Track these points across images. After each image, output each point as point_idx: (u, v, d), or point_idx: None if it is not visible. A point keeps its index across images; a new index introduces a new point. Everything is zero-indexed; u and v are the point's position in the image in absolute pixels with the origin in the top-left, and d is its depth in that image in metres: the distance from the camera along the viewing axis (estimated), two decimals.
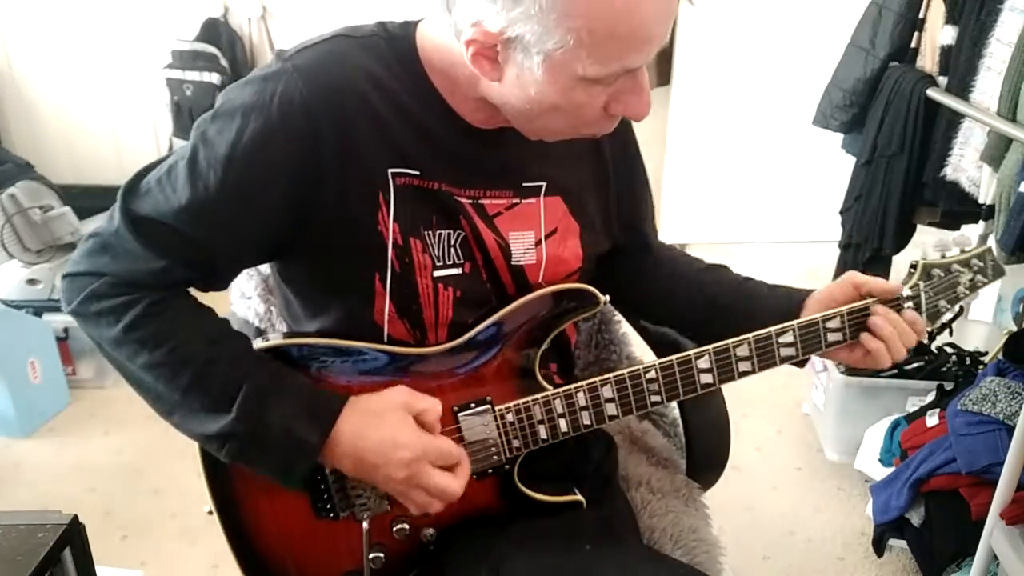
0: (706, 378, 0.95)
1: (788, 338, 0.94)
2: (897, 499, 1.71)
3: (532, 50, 0.75)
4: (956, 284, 1.00)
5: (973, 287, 1.01)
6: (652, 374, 0.94)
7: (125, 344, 0.84)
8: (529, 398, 0.94)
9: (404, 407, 0.87)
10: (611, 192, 1.05)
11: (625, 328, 1.34)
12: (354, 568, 0.96)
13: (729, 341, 0.93)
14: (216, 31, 3.14)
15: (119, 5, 3.18)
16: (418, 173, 0.88)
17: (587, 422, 0.96)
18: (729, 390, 1.16)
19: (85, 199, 2.87)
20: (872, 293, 0.95)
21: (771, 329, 0.93)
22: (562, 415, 0.95)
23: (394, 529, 0.96)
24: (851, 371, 2.10)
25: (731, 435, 1.18)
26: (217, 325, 0.89)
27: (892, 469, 1.85)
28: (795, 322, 0.94)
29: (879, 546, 1.79)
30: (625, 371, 0.94)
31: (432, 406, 0.88)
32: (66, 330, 2.56)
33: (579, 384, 0.94)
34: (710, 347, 0.93)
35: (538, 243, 0.97)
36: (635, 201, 1.10)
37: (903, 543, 1.76)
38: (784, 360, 0.95)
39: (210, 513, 0.95)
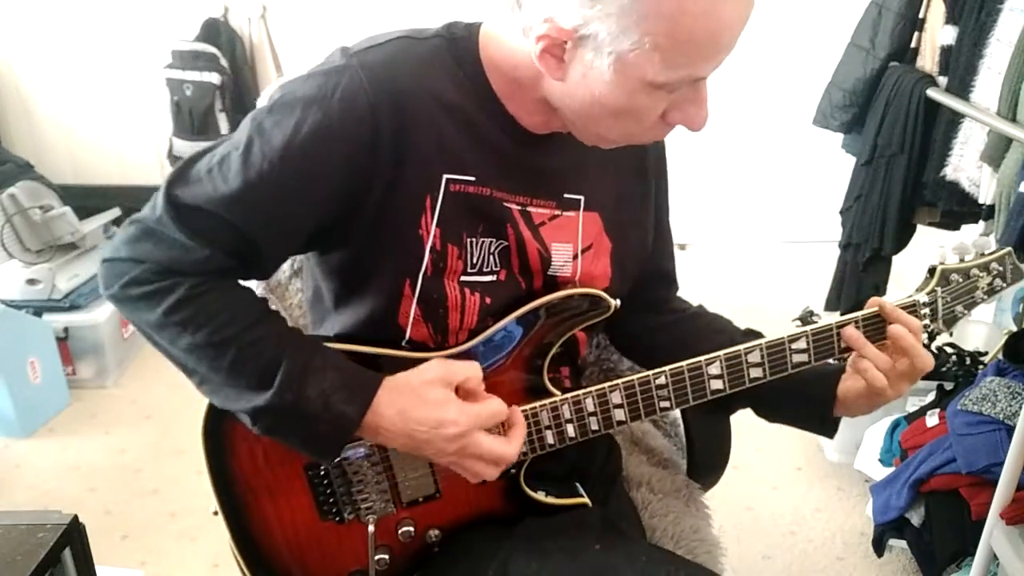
0: (716, 384, 0.94)
1: (801, 344, 0.93)
2: (897, 499, 1.71)
3: (604, 49, 0.75)
4: (974, 289, 0.98)
5: (991, 291, 0.99)
6: (662, 380, 0.93)
7: (166, 327, 0.84)
8: (537, 404, 0.94)
9: (442, 381, 0.86)
10: (649, 220, 1.05)
11: None
12: (359, 569, 0.96)
13: (741, 347, 0.93)
14: (216, 31, 3.14)
15: (119, 5, 3.18)
16: (473, 179, 0.88)
17: (595, 427, 0.95)
18: None
19: (85, 199, 2.87)
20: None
21: (784, 336, 0.93)
22: (570, 420, 0.95)
23: (399, 531, 0.96)
24: None
25: (731, 436, 1.18)
26: (256, 305, 0.89)
27: (892, 469, 1.85)
28: (807, 328, 0.93)
29: (879, 546, 1.79)
30: (635, 377, 0.94)
31: (472, 372, 0.87)
32: (66, 330, 2.56)
33: (588, 390, 0.94)
34: (721, 353, 0.93)
35: (575, 257, 0.97)
36: (662, 237, 1.10)
37: (903, 543, 1.76)
38: (796, 367, 0.94)
39: (215, 514, 0.95)
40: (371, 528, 0.94)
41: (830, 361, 0.96)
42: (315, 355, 0.86)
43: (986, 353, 2.06)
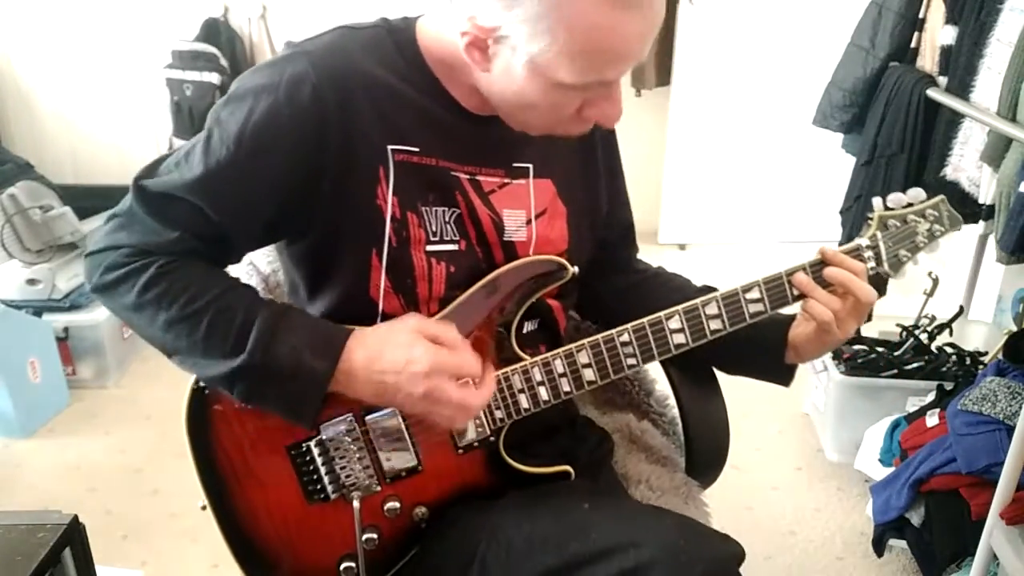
0: (679, 338, 0.98)
1: (755, 294, 0.98)
2: (897, 499, 1.71)
3: (519, 50, 0.82)
4: (914, 234, 1.03)
5: (932, 236, 1.04)
6: (626, 337, 0.97)
7: (144, 307, 0.88)
8: (508, 368, 0.97)
9: (416, 330, 0.89)
10: (600, 184, 1.10)
11: None
12: (349, 553, 0.97)
13: (698, 300, 0.98)
14: (216, 31, 3.14)
15: (119, 5, 3.18)
16: (416, 150, 0.93)
17: (567, 389, 0.98)
18: (729, 390, 1.16)
19: (85, 199, 2.86)
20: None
21: (737, 287, 0.98)
22: (541, 383, 0.98)
23: (385, 508, 0.97)
24: (851, 371, 2.10)
25: (730, 434, 1.18)
26: (225, 276, 0.92)
27: (892, 469, 1.85)
28: (760, 278, 0.98)
29: (879, 546, 1.79)
30: (599, 336, 0.97)
31: (446, 329, 0.90)
32: (66, 330, 2.56)
33: (555, 352, 0.97)
34: (679, 307, 0.97)
35: (528, 222, 1.01)
36: (619, 199, 1.15)
37: (903, 543, 1.76)
38: (753, 316, 0.98)
39: (204, 508, 0.95)
40: (356, 504, 0.94)
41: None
42: (285, 316, 0.89)
43: (986, 353, 2.06)
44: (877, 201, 1.03)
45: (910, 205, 1.03)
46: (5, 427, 2.37)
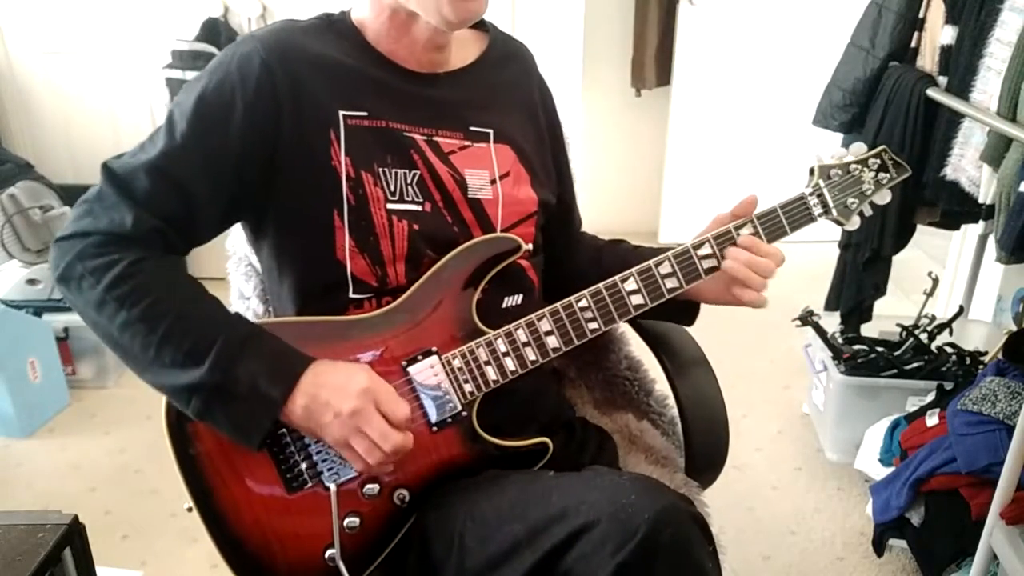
0: (637, 299, 1.01)
1: (706, 250, 1.02)
2: (897, 499, 1.71)
3: None
4: (859, 182, 1.07)
5: (879, 184, 1.07)
6: (584, 303, 1.00)
7: (107, 304, 0.89)
8: (472, 342, 0.98)
9: (369, 371, 0.92)
10: (548, 152, 1.15)
11: (623, 328, 1.34)
12: (331, 542, 0.96)
13: (651, 261, 1.01)
14: (216, 31, 3.14)
15: (119, 5, 3.18)
16: (365, 114, 0.98)
17: (532, 358, 1.00)
18: (729, 390, 1.16)
19: None
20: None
21: (688, 243, 1.02)
22: (506, 354, 0.99)
23: (364, 491, 0.97)
24: (851, 371, 2.10)
25: (730, 433, 1.18)
26: (193, 286, 0.94)
27: (892, 469, 1.85)
28: (709, 234, 1.02)
29: (879, 546, 1.79)
30: (558, 304, 1.00)
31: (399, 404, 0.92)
32: (66, 330, 2.56)
33: (517, 323, 0.99)
34: (634, 269, 1.01)
35: (493, 182, 1.05)
36: (564, 172, 1.20)
37: (903, 543, 1.76)
38: (708, 272, 1.02)
39: (190, 510, 0.95)
40: (332, 487, 0.94)
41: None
42: (249, 339, 0.90)
43: (986, 353, 2.06)
44: (818, 154, 1.07)
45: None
46: (5, 427, 2.37)
